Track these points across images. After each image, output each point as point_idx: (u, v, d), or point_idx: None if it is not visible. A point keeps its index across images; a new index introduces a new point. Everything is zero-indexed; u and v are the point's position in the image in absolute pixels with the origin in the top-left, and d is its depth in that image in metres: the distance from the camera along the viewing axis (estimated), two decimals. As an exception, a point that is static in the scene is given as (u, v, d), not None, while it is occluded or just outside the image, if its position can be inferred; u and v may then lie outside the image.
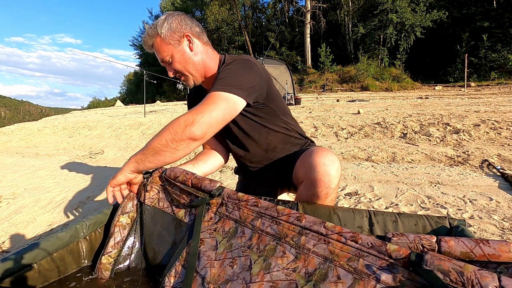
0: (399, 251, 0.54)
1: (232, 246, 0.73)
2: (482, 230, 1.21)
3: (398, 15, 15.85)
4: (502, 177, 1.84)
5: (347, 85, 16.07)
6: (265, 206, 0.73)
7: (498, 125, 2.92)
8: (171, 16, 0.98)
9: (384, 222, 0.77)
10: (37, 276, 0.79)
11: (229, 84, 0.87)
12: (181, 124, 0.81)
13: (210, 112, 0.82)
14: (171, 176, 0.92)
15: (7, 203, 1.97)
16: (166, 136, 0.82)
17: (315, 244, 0.62)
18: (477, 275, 0.47)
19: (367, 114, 4.45)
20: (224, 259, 0.71)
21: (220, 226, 0.79)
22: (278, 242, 0.67)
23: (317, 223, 0.63)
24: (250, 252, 0.69)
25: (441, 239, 0.57)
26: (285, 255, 0.64)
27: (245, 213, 0.76)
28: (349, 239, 0.59)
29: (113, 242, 0.93)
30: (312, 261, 0.61)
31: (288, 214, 0.68)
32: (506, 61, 13.49)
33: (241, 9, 24.12)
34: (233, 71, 0.92)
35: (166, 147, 0.83)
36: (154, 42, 0.98)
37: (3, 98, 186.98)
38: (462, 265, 0.49)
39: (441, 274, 0.49)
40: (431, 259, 0.51)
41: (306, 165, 0.92)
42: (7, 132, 6.73)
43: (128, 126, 5.68)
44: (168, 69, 1.02)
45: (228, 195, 0.80)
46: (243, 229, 0.74)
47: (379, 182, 1.94)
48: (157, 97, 22.81)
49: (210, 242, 0.76)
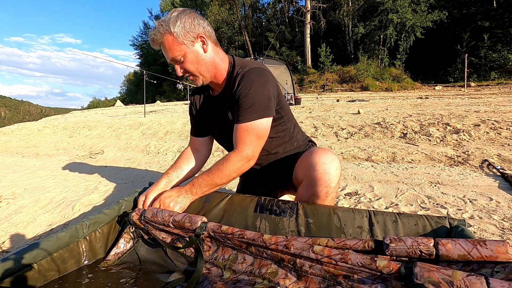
0: (389, 266, 0.56)
1: (236, 272, 0.74)
2: (482, 230, 1.21)
3: (398, 15, 15.84)
4: (502, 177, 1.84)
5: (347, 85, 16.07)
6: (252, 238, 0.73)
7: (498, 125, 2.92)
8: (184, 14, 0.95)
9: (384, 222, 0.77)
10: (37, 276, 0.79)
11: (259, 109, 0.95)
12: (241, 161, 0.95)
13: (258, 141, 0.97)
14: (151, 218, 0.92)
15: (7, 203, 1.97)
16: (231, 174, 0.95)
17: (310, 266, 0.65)
18: (466, 282, 0.48)
19: (367, 114, 4.45)
20: (229, 281, 0.72)
21: (220, 254, 0.80)
22: (278, 265, 0.69)
23: (306, 249, 0.65)
24: (254, 277, 0.71)
25: (438, 242, 0.57)
26: (287, 277, 0.67)
27: (237, 244, 0.77)
28: (339, 261, 0.61)
29: (115, 252, 0.95)
30: (312, 281, 0.64)
31: (276, 243, 0.69)
32: (506, 61, 13.48)
33: (241, 9, 24.12)
34: (258, 93, 0.96)
35: (228, 180, 0.97)
36: (164, 40, 0.94)
37: (3, 98, 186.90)
38: (450, 273, 0.50)
39: (432, 286, 0.50)
40: (420, 271, 0.52)
41: (306, 165, 0.93)
42: (7, 132, 6.73)
43: (128, 126, 5.68)
44: (176, 67, 1.00)
45: (213, 231, 0.81)
46: (244, 256, 0.76)
47: (379, 182, 1.93)
48: (157, 97, 22.81)
49: (216, 270, 0.77)
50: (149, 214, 0.93)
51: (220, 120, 1.10)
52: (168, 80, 17.40)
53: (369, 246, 0.63)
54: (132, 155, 3.62)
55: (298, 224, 0.84)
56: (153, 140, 4.40)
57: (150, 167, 2.87)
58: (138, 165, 3.04)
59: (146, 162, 3.16)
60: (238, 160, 0.94)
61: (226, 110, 1.05)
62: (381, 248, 0.62)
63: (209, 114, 1.14)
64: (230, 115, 1.04)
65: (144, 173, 2.62)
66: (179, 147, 3.68)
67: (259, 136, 0.96)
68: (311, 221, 0.83)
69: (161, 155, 3.49)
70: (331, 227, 0.80)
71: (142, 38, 32.11)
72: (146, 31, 31.55)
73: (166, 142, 4.19)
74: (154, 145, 4.01)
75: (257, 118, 0.95)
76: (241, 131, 0.95)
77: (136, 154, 3.67)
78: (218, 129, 1.15)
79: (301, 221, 0.84)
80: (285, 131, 1.12)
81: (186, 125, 5.10)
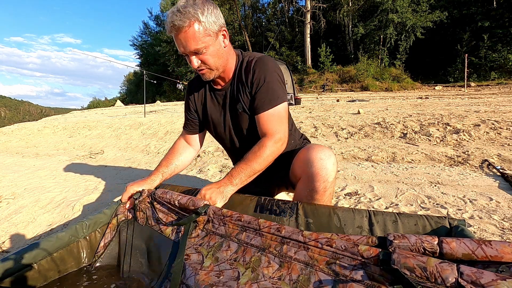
0: (369, 250, 0.59)
1: (218, 259, 0.75)
2: (482, 230, 1.21)
3: (398, 15, 15.84)
4: (502, 177, 1.84)
5: (347, 85, 16.07)
6: (248, 220, 0.77)
7: (498, 125, 2.92)
8: (208, 2, 0.90)
9: (384, 222, 0.77)
10: (37, 276, 0.79)
11: (278, 95, 1.00)
12: (276, 145, 0.97)
13: (284, 124, 1.01)
14: (160, 196, 0.95)
15: (7, 203, 1.97)
16: (268, 158, 0.96)
17: (296, 251, 0.67)
18: (438, 268, 0.50)
19: (367, 114, 4.45)
20: (210, 271, 0.73)
21: (206, 241, 0.81)
22: (262, 253, 0.71)
23: (296, 233, 0.69)
24: (237, 265, 0.72)
25: (442, 241, 0.57)
26: (270, 264, 0.68)
27: (230, 227, 0.80)
28: (325, 244, 0.64)
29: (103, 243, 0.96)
30: (295, 267, 0.66)
31: (269, 226, 0.73)
32: (506, 61, 13.48)
33: (241, 9, 24.11)
34: (274, 80, 1.00)
35: (265, 166, 0.97)
36: (189, 28, 0.86)
37: (3, 98, 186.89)
38: (425, 260, 0.52)
39: (407, 271, 0.53)
40: (397, 257, 0.54)
41: (303, 161, 0.94)
42: (7, 132, 6.73)
43: (128, 126, 5.68)
44: (192, 59, 0.93)
45: (214, 212, 0.83)
46: (229, 243, 0.78)
47: (379, 182, 1.94)
48: (157, 97, 22.79)
49: (196, 257, 0.78)
50: (159, 193, 0.96)
51: (225, 113, 1.09)
52: (168, 80, 17.40)
53: (372, 241, 0.64)
54: (132, 155, 3.62)
55: (298, 224, 0.84)
56: (153, 140, 4.41)
57: (150, 167, 2.87)
58: (138, 165, 3.04)
59: (146, 162, 3.16)
60: (273, 144, 0.96)
61: (235, 102, 1.05)
62: (385, 244, 0.62)
63: (211, 107, 1.12)
64: (239, 107, 1.04)
65: (144, 173, 2.62)
66: (179, 147, 3.68)
67: (283, 120, 1.01)
68: (311, 221, 0.83)
69: (161, 155, 3.49)
70: (331, 227, 0.81)
71: (142, 38, 32.14)
72: (146, 31, 31.58)
73: (166, 142, 4.19)
74: (154, 145, 4.01)
75: (279, 103, 0.99)
76: (267, 118, 0.98)
77: (136, 154, 3.67)
78: (221, 122, 1.13)
79: (301, 221, 0.84)
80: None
81: (186, 125, 5.09)
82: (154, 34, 30.09)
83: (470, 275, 0.48)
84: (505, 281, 0.44)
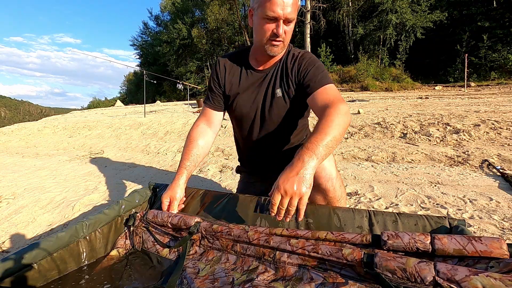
0: (353, 253, 0.61)
1: (215, 270, 0.76)
2: (482, 230, 1.21)
3: (398, 15, 15.83)
4: (502, 177, 1.84)
5: (347, 85, 16.06)
6: (237, 234, 0.78)
7: (498, 125, 2.92)
8: None
9: (384, 222, 0.77)
10: (37, 276, 0.79)
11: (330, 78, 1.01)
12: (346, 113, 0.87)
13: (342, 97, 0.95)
14: (152, 219, 0.95)
15: (7, 203, 1.97)
16: (344, 125, 0.84)
17: (288, 256, 0.70)
18: (417, 269, 0.53)
19: (367, 114, 4.45)
20: (205, 279, 0.74)
21: (205, 256, 0.83)
22: (259, 261, 0.73)
23: (283, 242, 0.71)
24: (233, 273, 0.73)
25: (434, 237, 0.59)
26: (266, 271, 0.71)
27: (224, 242, 0.81)
28: (311, 252, 0.67)
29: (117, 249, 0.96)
30: (289, 270, 0.68)
31: (258, 238, 0.75)
32: (506, 61, 13.47)
33: (241, 9, 24.10)
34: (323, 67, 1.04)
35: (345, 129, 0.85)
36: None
37: (3, 98, 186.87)
38: (404, 261, 0.54)
39: (389, 273, 0.55)
40: (379, 261, 0.57)
41: None
42: (7, 132, 6.73)
43: (128, 126, 5.68)
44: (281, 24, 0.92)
45: (205, 229, 0.84)
46: (227, 256, 0.79)
47: (379, 182, 1.93)
48: (157, 97, 22.78)
49: (192, 270, 0.79)
50: (150, 216, 0.96)
51: (259, 93, 1.08)
52: (168, 80, 17.40)
53: (366, 239, 0.66)
54: (132, 155, 3.62)
55: (298, 224, 0.84)
56: (153, 140, 4.41)
57: (150, 167, 2.87)
58: (138, 165, 3.04)
59: (146, 162, 3.16)
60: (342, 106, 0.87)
61: (274, 86, 1.06)
62: (379, 242, 0.64)
63: (244, 84, 1.10)
64: (279, 92, 1.05)
65: (144, 173, 2.62)
66: (179, 147, 3.68)
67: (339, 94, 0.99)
68: (311, 221, 0.83)
69: (161, 155, 3.49)
70: (331, 227, 0.81)
71: (142, 38, 32.07)
72: (146, 31, 31.50)
73: (166, 142, 4.19)
74: (154, 145, 4.01)
75: (331, 82, 0.99)
76: (327, 91, 0.96)
77: (136, 154, 3.67)
78: (250, 100, 1.09)
79: (301, 221, 0.84)
80: (305, 123, 1.22)
81: (186, 125, 5.09)
82: (154, 34, 30.04)
83: (445, 273, 0.50)
84: (477, 276, 0.46)
